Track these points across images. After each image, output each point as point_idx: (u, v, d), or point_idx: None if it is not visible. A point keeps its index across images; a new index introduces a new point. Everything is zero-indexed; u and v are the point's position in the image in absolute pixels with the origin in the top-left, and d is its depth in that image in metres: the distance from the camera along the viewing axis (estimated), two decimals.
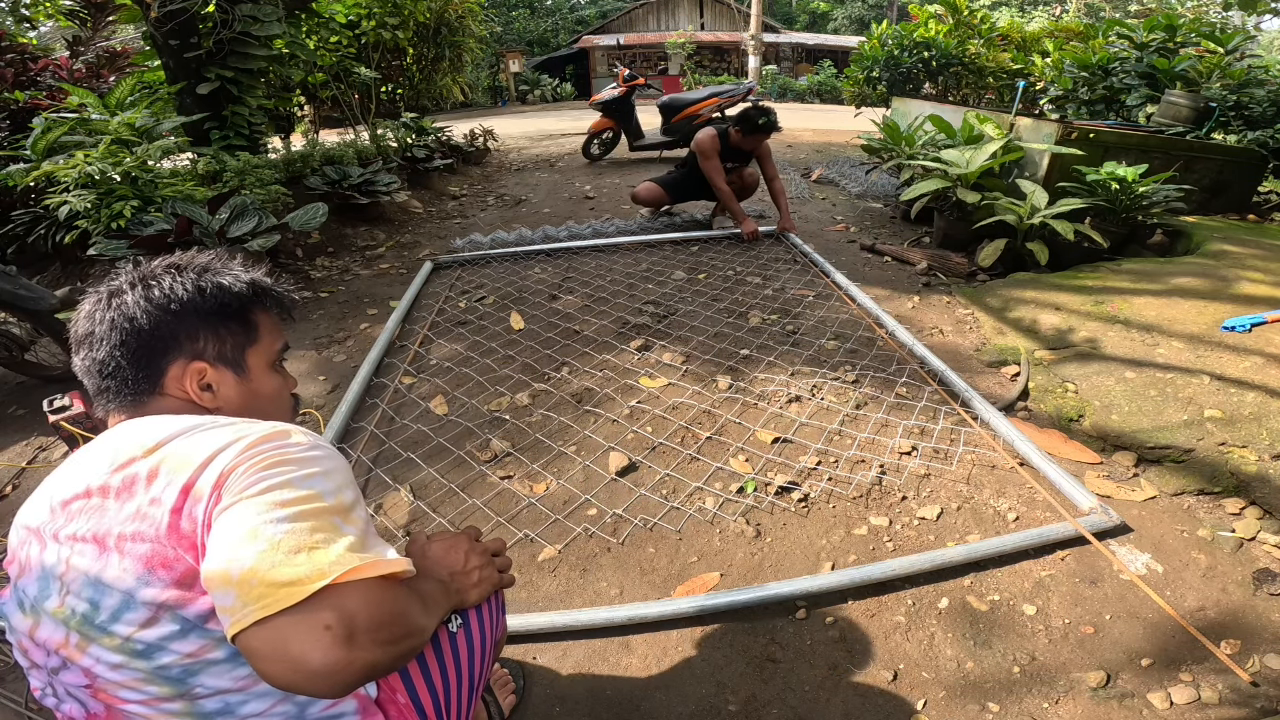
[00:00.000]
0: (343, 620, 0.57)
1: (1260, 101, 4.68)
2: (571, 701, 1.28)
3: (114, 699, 0.67)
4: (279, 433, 0.70)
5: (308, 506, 0.63)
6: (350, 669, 0.57)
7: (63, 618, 0.66)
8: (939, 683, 1.29)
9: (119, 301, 0.79)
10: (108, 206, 2.92)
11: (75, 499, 0.68)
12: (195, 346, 0.80)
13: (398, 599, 0.65)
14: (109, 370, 0.78)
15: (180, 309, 0.80)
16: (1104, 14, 21.11)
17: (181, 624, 0.64)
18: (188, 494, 0.64)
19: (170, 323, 0.79)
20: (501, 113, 17.82)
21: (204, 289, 0.81)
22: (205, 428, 0.70)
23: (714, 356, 2.54)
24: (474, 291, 3.33)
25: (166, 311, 0.79)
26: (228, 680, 0.66)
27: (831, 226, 4.41)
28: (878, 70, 8.58)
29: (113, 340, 0.77)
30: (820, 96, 20.36)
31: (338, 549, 0.60)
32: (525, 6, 27.84)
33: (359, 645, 0.58)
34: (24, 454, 2.21)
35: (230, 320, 0.84)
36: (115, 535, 0.64)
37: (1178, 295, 2.70)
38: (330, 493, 0.66)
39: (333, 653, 0.56)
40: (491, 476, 1.91)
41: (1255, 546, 1.57)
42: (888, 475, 1.87)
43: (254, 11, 4.07)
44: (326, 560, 0.59)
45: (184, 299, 0.80)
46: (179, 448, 0.68)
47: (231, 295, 0.84)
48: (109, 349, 0.77)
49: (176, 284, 0.80)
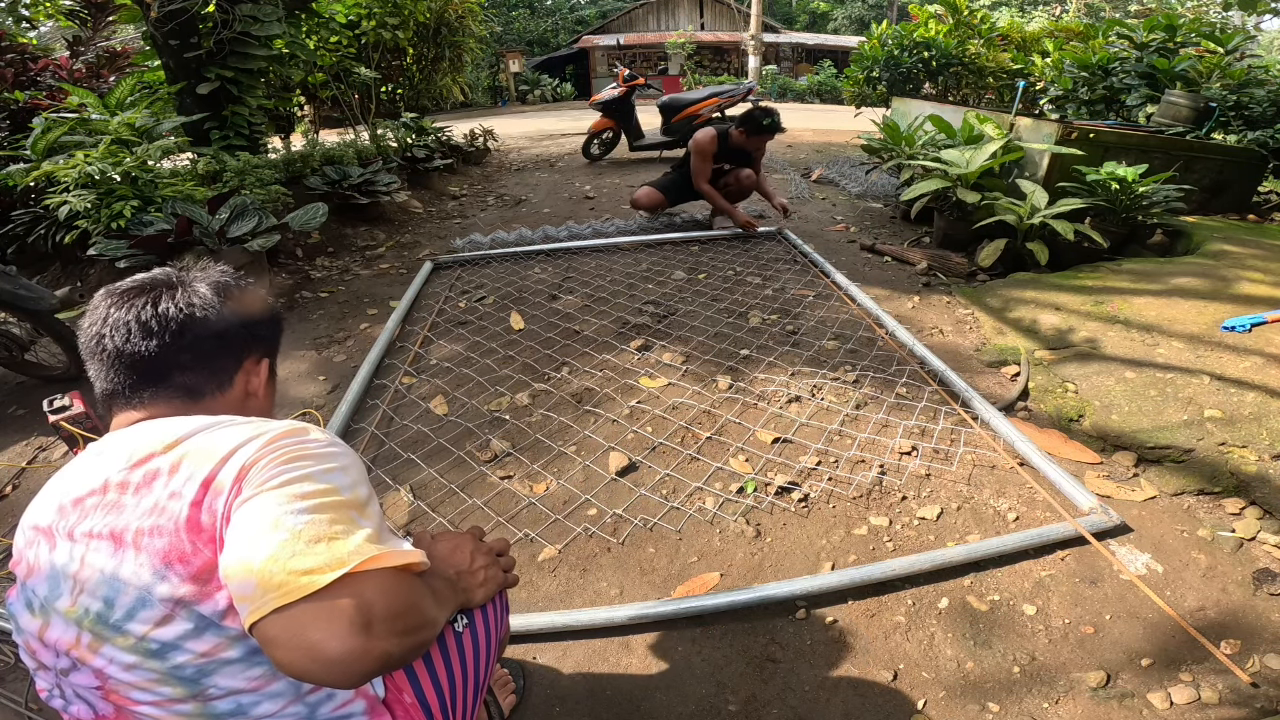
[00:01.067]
0: (361, 608, 0.58)
1: (1260, 101, 4.68)
2: (571, 701, 1.28)
3: (125, 700, 0.67)
4: (298, 429, 0.71)
5: (327, 499, 0.63)
6: (367, 658, 0.57)
7: (75, 617, 0.65)
8: (939, 683, 1.29)
9: (183, 299, 0.79)
10: (108, 206, 2.92)
11: (90, 495, 0.68)
12: (266, 345, 0.89)
13: (413, 590, 0.65)
14: (165, 366, 0.77)
15: (252, 314, 0.86)
16: (1104, 14, 21.10)
17: (197, 621, 0.63)
18: (208, 487, 0.64)
19: (246, 325, 0.85)
20: (501, 113, 17.82)
21: (261, 296, 0.90)
22: (225, 424, 0.71)
23: (714, 356, 2.54)
24: (474, 291, 3.33)
25: (245, 313, 0.85)
26: (241, 680, 0.66)
27: (831, 226, 4.41)
28: (878, 70, 8.58)
29: (184, 338, 0.78)
30: (820, 96, 20.36)
31: (356, 539, 0.61)
32: (525, 6, 27.84)
33: (376, 634, 0.58)
34: (24, 454, 2.20)
35: (277, 326, 0.93)
36: (133, 530, 0.64)
37: (1178, 295, 2.70)
38: (348, 487, 0.67)
39: (350, 640, 0.56)
40: (491, 477, 1.91)
41: (1255, 546, 1.57)
42: (888, 475, 1.87)
43: (254, 11, 4.07)
44: (345, 550, 0.60)
45: (253, 304, 0.87)
46: (200, 442, 0.68)
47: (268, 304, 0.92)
48: (174, 345, 0.77)
49: (241, 288, 0.87)
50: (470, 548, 0.89)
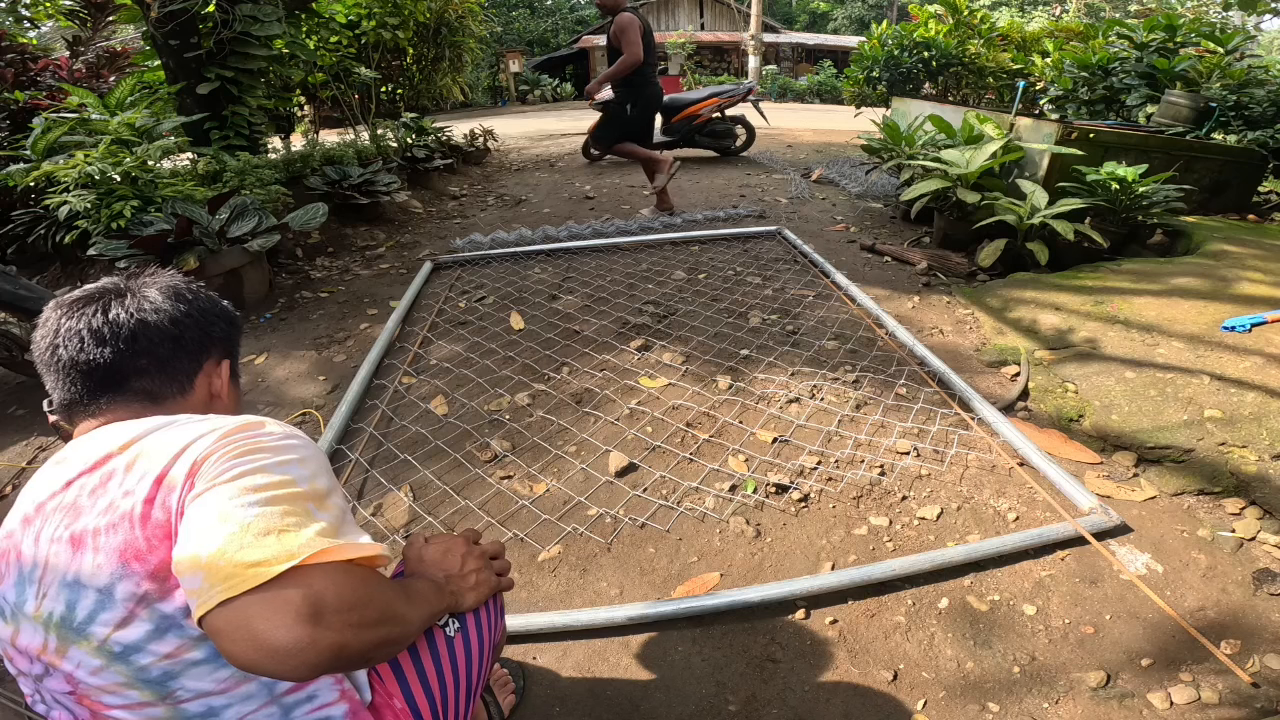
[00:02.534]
0: (309, 599, 0.57)
1: (1260, 101, 4.68)
2: (571, 701, 1.28)
3: (97, 704, 0.67)
4: (253, 423, 0.70)
5: (280, 492, 0.63)
6: (315, 648, 0.56)
7: (41, 621, 0.65)
8: (939, 683, 1.29)
9: (133, 304, 0.80)
10: (108, 206, 2.92)
11: (51, 498, 0.68)
12: (225, 347, 0.89)
13: (370, 583, 0.64)
14: (121, 372, 0.78)
15: (206, 315, 0.87)
16: (1104, 14, 21.11)
17: (158, 621, 0.63)
18: (161, 483, 0.64)
19: (200, 326, 0.85)
20: (501, 113, 17.81)
21: (214, 298, 0.91)
22: (180, 423, 0.72)
23: (714, 357, 2.54)
24: (474, 292, 3.33)
25: (198, 315, 0.85)
26: (209, 683, 0.66)
27: (831, 226, 4.41)
28: (878, 70, 8.58)
29: (139, 343, 0.78)
30: (820, 96, 20.36)
31: (308, 533, 0.61)
32: (525, 6, 27.83)
33: (326, 625, 0.57)
34: (24, 454, 2.21)
35: (235, 326, 0.92)
36: (91, 530, 0.64)
37: (1178, 295, 2.70)
38: (304, 479, 0.66)
39: (296, 630, 0.56)
40: (491, 477, 1.91)
41: (1255, 546, 1.57)
42: (887, 475, 1.86)
43: (254, 11, 4.07)
44: (296, 543, 0.59)
45: (206, 306, 0.88)
46: (155, 441, 0.69)
47: (222, 306, 0.92)
48: (128, 351, 0.78)
49: (193, 290, 0.88)
50: (462, 551, 0.89)
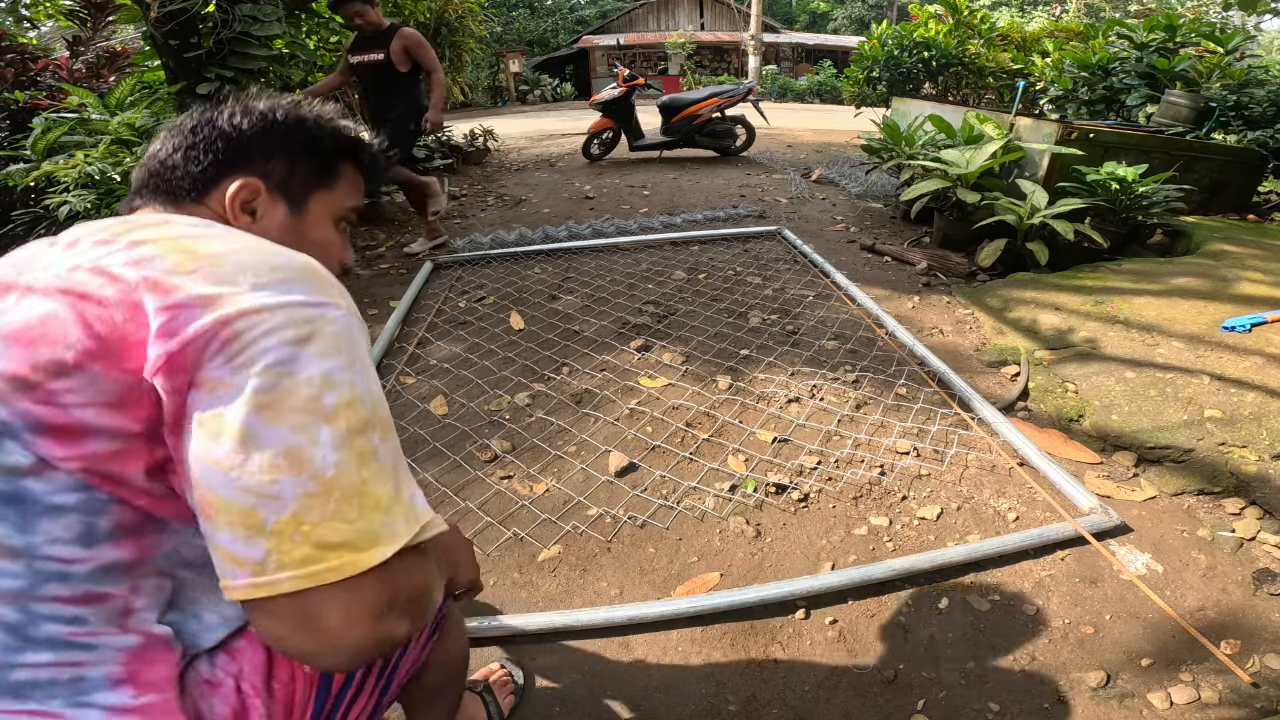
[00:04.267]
0: (387, 594, 0.49)
1: (1260, 101, 4.68)
2: (571, 702, 1.28)
3: None
4: (319, 283, 0.54)
5: (357, 419, 0.49)
6: (376, 642, 0.49)
7: None
8: (939, 683, 1.29)
9: (216, 109, 0.73)
10: (108, 207, 2.92)
11: None
12: (265, 166, 0.72)
13: (427, 568, 0.55)
14: (166, 165, 0.70)
15: (267, 127, 0.73)
16: (1104, 14, 21.11)
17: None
18: (168, 294, 0.48)
19: (251, 136, 0.72)
20: (501, 113, 17.81)
21: (305, 119, 0.75)
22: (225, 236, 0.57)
23: (714, 357, 2.54)
24: (474, 292, 3.33)
25: (255, 124, 0.72)
26: None
27: (831, 226, 4.41)
28: (878, 70, 8.58)
29: (189, 139, 0.70)
30: (820, 96, 20.36)
31: (405, 502, 0.50)
32: (525, 6, 27.84)
33: (393, 619, 0.50)
34: None
35: (313, 157, 0.75)
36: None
37: (1178, 295, 2.70)
38: (374, 395, 0.52)
39: (365, 627, 0.48)
40: (491, 478, 1.91)
41: (1255, 546, 1.57)
42: (887, 475, 1.86)
43: (254, 11, 4.07)
44: (394, 520, 0.49)
45: (278, 120, 0.74)
46: (173, 231, 0.56)
47: (328, 134, 0.77)
48: (178, 145, 0.70)
49: (279, 107, 0.75)
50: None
